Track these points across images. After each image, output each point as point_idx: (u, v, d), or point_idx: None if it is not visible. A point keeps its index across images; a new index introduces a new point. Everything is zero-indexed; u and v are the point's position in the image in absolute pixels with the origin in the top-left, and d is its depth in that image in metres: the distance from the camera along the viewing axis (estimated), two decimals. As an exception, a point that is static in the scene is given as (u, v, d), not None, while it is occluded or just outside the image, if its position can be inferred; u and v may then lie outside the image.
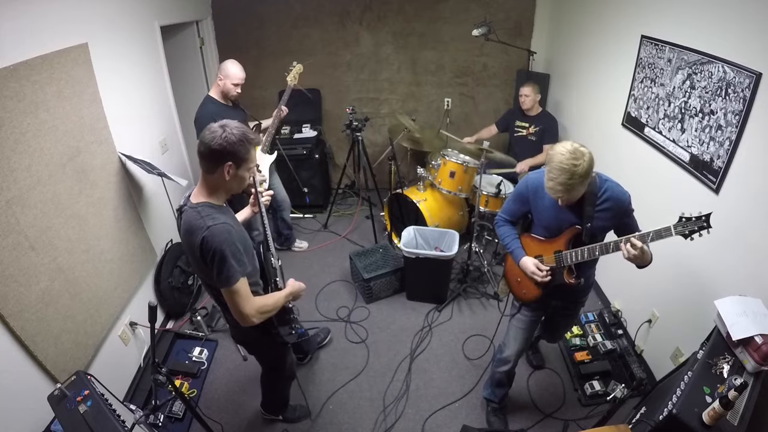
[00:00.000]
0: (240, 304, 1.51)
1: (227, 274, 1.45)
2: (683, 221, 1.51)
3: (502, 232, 2.02)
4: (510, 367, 2.18)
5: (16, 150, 1.75)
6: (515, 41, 3.99)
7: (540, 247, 1.90)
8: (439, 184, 3.43)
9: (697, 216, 1.49)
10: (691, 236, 1.51)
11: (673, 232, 1.51)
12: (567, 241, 1.81)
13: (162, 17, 3.08)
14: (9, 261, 1.69)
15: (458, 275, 3.36)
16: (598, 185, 1.70)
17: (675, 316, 2.31)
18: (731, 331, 1.57)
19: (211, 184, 1.51)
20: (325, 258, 3.73)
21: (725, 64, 1.88)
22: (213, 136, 1.42)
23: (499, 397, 2.31)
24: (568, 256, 1.80)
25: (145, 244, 2.75)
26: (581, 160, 1.54)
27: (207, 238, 1.42)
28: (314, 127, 4.36)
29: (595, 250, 1.71)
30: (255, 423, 2.40)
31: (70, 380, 1.66)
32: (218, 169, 1.45)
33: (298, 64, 3.16)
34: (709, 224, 1.49)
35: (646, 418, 1.68)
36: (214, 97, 2.83)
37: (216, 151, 1.42)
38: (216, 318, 3.02)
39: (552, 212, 1.81)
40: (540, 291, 1.94)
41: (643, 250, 1.59)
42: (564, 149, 1.56)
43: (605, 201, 1.71)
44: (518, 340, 2.11)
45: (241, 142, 1.44)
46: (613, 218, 1.74)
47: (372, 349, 2.85)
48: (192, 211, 1.49)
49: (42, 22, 1.93)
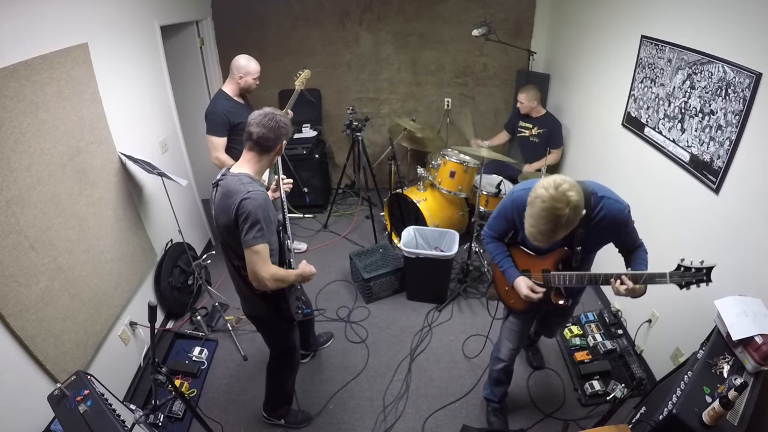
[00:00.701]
0: (258, 265, 1.63)
1: (254, 235, 1.59)
2: (681, 270, 1.42)
3: (491, 249, 1.89)
4: (506, 365, 2.14)
5: (16, 150, 1.75)
6: (515, 41, 3.99)
7: (528, 262, 1.82)
8: (439, 184, 3.43)
9: (698, 267, 1.40)
10: (687, 287, 1.43)
11: (668, 281, 1.44)
12: (555, 262, 1.72)
13: (162, 17, 3.08)
14: (9, 261, 1.69)
15: (458, 275, 3.36)
16: (592, 204, 1.55)
17: (675, 316, 2.31)
18: (731, 331, 1.57)
19: (260, 162, 1.69)
20: (325, 258, 3.73)
21: (725, 64, 1.88)
22: (271, 123, 1.63)
23: (499, 396, 2.29)
24: (555, 278, 1.72)
25: (145, 244, 2.75)
26: (566, 208, 1.34)
27: (246, 201, 1.58)
28: (314, 127, 4.36)
29: (583, 278, 1.65)
30: (255, 423, 2.40)
31: (70, 380, 1.66)
32: (276, 147, 1.69)
33: (306, 70, 3.14)
34: (710, 278, 1.38)
35: (646, 418, 1.68)
36: (227, 93, 2.81)
37: (280, 133, 1.67)
38: (216, 318, 3.02)
39: None
40: (526, 306, 1.89)
41: (634, 290, 1.52)
42: (545, 193, 1.36)
43: (601, 220, 1.57)
44: (511, 341, 2.08)
45: (289, 122, 1.72)
46: (608, 237, 1.66)
47: (372, 349, 2.85)
48: (233, 177, 1.64)
49: (42, 22, 1.93)
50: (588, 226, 1.57)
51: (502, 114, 4.41)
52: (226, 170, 1.72)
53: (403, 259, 3.16)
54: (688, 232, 2.19)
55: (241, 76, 2.77)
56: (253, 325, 2.12)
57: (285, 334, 2.06)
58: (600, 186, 1.61)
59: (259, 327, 2.11)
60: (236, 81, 2.79)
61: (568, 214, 1.36)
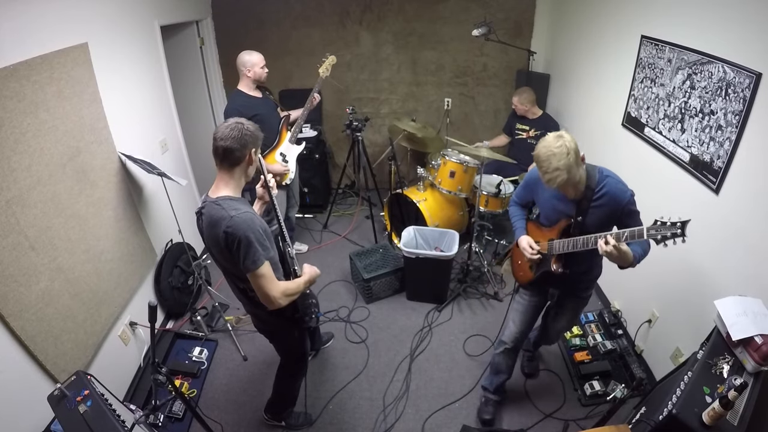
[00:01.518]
0: (266, 287, 1.58)
1: (253, 258, 1.53)
2: (657, 225, 1.45)
3: (512, 212, 2.14)
4: (507, 348, 2.19)
5: (16, 150, 1.75)
6: (515, 41, 3.99)
7: (539, 233, 1.99)
8: (439, 184, 3.43)
9: (673, 222, 1.42)
10: (663, 242, 1.44)
11: (645, 235, 1.48)
12: (560, 231, 1.86)
13: (162, 17, 3.08)
14: (9, 261, 1.69)
15: (458, 275, 3.36)
16: (597, 180, 1.71)
17: (675, 316, 2.31)
18: (731, 331, 1.57)
19: (233, 177, 1.61)
20: (325, 258, 3.73)
21: (725, 64, 1.88)
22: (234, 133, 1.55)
23: (495, 386, 2.31)
24: (557, 245, 1.85)
25: (145, 244, 2.75)
26: (562, 139, 1.58)
27: (231, 227, 1.51)
28: (314, 127, 4.36)
29: (578, 242, 1.74)
30: (255, 423, 2.40)
31: (70, 380, 1.66)
32: (245, 158, 1.59)
33: (331, 56, 3.20)
34: (684, 233, 1.40)
35: (646, 418, 1.68)
36: (242, 90, 2.94)
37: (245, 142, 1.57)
38: (216, 318, 3.02)
39: (550, 203, 1.89)
40: (533, 274, 2.02)
41: (618, 249, 1.57)
42: (543, 142, 1.62)
43: (602, 197, 1.71)
44: (516, 323, 2.17)
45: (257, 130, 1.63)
46: (609, 215, 1.73)
47: (372, 349, 2.85)
48: (213, 204, 1.58)
49: (42, 22, 1.93)
50: (590, 198, 1.72)
51: (502, 114, 4.41)
52: (205, 196, 1.65)
53: (403, 259, 3.16)
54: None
55: (248, 69, 2.89)
56: (263, 335, 2.06)
57: (298, 342, 2.05)
58: (608, 170, 1.76)
59: (272, 339, 2.07)
60: (246, 76, 2.91)
61: (567, 143, 1.56)
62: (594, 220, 1.75)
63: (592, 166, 1.74)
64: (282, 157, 3.11)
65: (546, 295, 2.11)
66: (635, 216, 1.73)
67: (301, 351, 2.10)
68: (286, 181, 3.13)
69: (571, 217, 1.79)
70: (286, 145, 3.15)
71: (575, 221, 1.78)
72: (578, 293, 2.10)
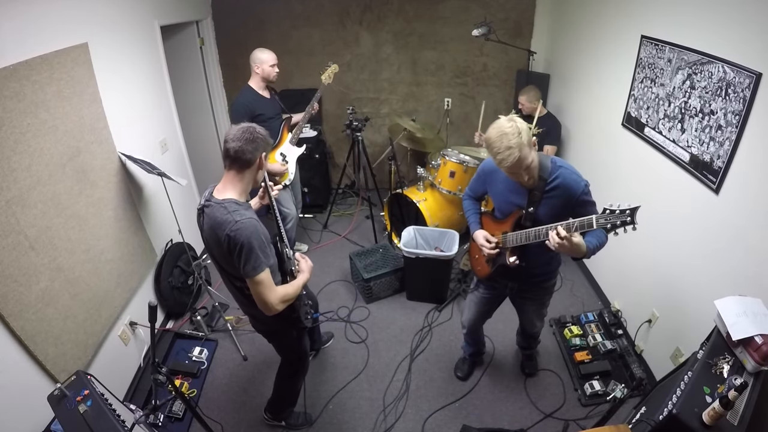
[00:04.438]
0: (264, 294, 1.59)
1: (254, 265, 1.54)
2: (606, 213, 1.42)
3: (465, 206, 2.13)
4: (467, 332, 2.45)
5: (16, 150, 1.75)
6: (515, 41, 3.99)
7: (494, 226, 1.98)
8: (439, 184, 3.43)
9: (622, 209, 1.38)
10: (614, 231, 1.41)
11: (595, 224, 1.45)
12: (512, 224, 1.84)
13: (162, 17, 3.08)
14: (9, 261, 1.69)
15: (458, 275, 3.36)
16: (549, 170, 1.69)
17: (675, 316, 2.31)
18: (731, 331, 1.57)
19: (242, 180, 1.61)
20: (325, 258, 3.73)
21: (725, 64, 1.88)
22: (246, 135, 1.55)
23: (468, 353, 2.63)
24: (511, 238, 1.83)
25: (145, 244, 2.75)
26: (513, 121, 1.58)
27: (236, 232, 1.51)
28: (314, 127, 4.36)
29: (530, 234, 1.72)
30: (255, 423, 2.40)
31: (70, 380, 1.66)
32: (256, 161, 1.59)
33: (333, 64, 3.25)
34: (634, 221, 1.36)
35: (646, 418, 1.68)
36: (252, 87, 2.98)
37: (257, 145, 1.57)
38: (216, 318, 3.02)
39: (502, 195, 1.88)
40: (489, 269, 2.02)
41: (570, 240, 1.53)
42: (495, 124, 1.61)
43: (555, 188, 1.70)
44: (470, 311, 2.32)
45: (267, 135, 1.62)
46: (562, 206, 1.70)
47: (372, 349, 2.85)
48: (218, 206, 1.56)
49: (42, 22, 1.93)
50: (543, 189, 1.71)
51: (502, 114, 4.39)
52: (209, 195, 1.63)
53: (403, 259, 3.15)
54: (687, 232, 2.19)
55: (257, 66, 2.92)
56: (261, 335, 2.06)
57: (296, 341, 2.05)
58: (563, 161, 1.76)
59: (270, 339, 2.07)
60: (256, 72, 2.95)
61: (514, 130, 1.55)
62: (547, 211, 1.73)
63: (545, 156, 1.73)
64: (282, 157, 3.12)
65: (504, 289, 2.12)
66: (589, 207, 1.69)
67: (300, 350, 2.11)
68: (285, 182, 3.14)
69: (523, 208, 1.77)
70: (286, 146, 3.16)
71: (527, 212, 1.76)
72: (540, 283, 2.07)
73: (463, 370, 2.63)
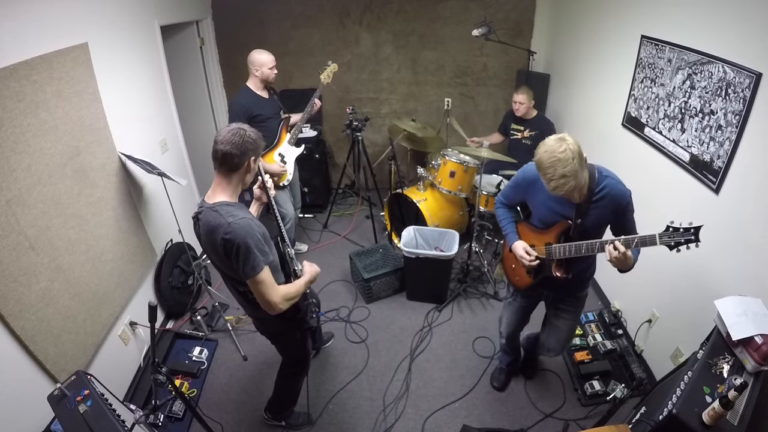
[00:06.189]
0: (266, 293, 1.58)
1: (252, 264, 1.52)
2: (670, 231, 1.44)
3: (499, 214, 2.04)
4: (504, 341, 2.39)
5: (16, 150, 1.75)
6: (515, 41, 3.99)
7: (534, 236, 1.91)
8: (439, 184, 3.43)
9: (686, 227, 1.42)
10: (677, 248, 1.44)
11: (658, 242, 1.47)
12: (558, 235, 1.79)
13: (162, 17, 3.08)
14: (9, 261, 1.69)
15: (458, 275, 3.36)
16: (597, 180, 1.66)
17: (675, 316, 2.31)
18: (731, 331, 1.57)
19: (231, 183, 1.59)
20: (325, 258, 3.73)
21: (725, 64, 1.88)
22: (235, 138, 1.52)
23: (506, 363, 2.55)
24: (556, 250, 1.79)
25: (145, 244, 2.75)
26: (565, 143, 1.51)
27: (229, 234, 1.49)
28: (314, 127, 4.36)
29: (581, 247, 1.69)
30: (255, 423, 2.40)
31: (70, 380, 1.66)
32: (244, 164, 1.57)
33: (333, 64, 3.25)
34: (698, 238, 1.41)
35: (646, 418, 1.68)
36: (250, 87, 2.97)
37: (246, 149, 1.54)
38: (216, 318, 3.02)
39: (546, 205, 1.80)
40: (531, 280, 1.96)
41: (626, 255, 1.55)
42: (545, 146, 1.54)
43: (602, 198, 1.67)
44: (509, 320, 2.26)
45: (259, 138, 1.59)
46: (609, 216, 1.71)
47: (372, 349, 2.85)
48: (210, 211, 1.56)
49: (42, 22, 1.93)
50: (590, 200, 1.67)
51: (502, 114, 4.39)
52: (202, 201, 1.63)
53: (403, 259, 3.15)
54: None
55: (257, 68, 2.92)
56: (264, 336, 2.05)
57: (299, 342, 2.04)
58: (607, 170, 1.71)
59: (274, 341, 2.07)
60: (254, 74, 2.94)
61: (570, 147, 1.49)
62: (593, 222, 1.72)
63: (591, 165, 1.69)
64: (280, 157, 3.11)
65: (540, 296, 2.10)
66: (630, 216, 1.71)
67: (303, 352, 2.11)
68: (283, 182, 3.13)
69: (569, 219, 1.73)
70: (285, 146, 3.16)
71: (575, 224, 1.71)
72: (575, 293, 2.05)
73: (500, 381, 2.55)
